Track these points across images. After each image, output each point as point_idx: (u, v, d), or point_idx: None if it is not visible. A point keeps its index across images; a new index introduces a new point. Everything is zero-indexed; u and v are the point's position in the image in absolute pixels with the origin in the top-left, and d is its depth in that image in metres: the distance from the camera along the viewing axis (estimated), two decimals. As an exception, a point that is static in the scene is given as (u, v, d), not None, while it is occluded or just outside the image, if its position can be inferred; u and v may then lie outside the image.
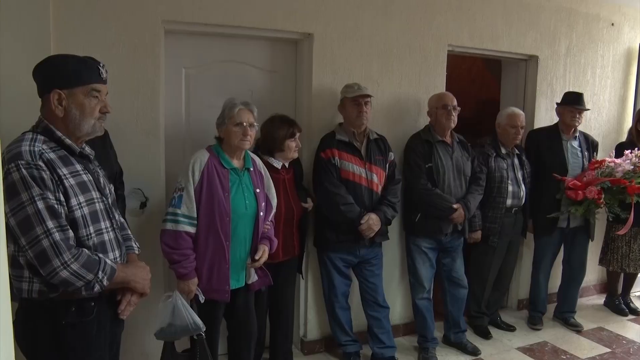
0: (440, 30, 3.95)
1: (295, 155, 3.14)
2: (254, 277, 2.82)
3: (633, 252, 4.50)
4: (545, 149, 4.19)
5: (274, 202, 2.88)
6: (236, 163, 2.72)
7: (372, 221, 3.27)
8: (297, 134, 3.12)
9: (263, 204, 2.76)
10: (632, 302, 4.88)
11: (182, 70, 3.29)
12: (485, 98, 5.52)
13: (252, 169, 2.77)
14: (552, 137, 4.21)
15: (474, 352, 3.87)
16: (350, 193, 3.28)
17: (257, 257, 2.72)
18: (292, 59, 3.64)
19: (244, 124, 2.66)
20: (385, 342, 3.58)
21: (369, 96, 3.33)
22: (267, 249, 2.77)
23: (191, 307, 2.53)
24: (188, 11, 3.09)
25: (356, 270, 3.55)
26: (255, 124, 2.73)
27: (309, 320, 3.78)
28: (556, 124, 4.27)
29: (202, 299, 2.63)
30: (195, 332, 2.48)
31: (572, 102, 4.13)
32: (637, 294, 5.14)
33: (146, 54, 2.99)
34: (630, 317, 4.73)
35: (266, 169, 2.90)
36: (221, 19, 3.19)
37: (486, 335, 4.15)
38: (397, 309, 4.06)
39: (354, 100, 3.30)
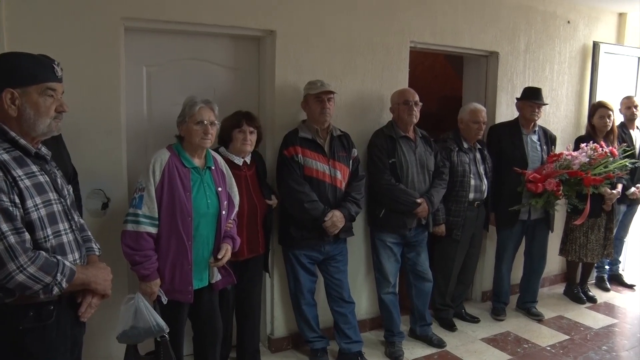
0: (402, 27, 3.98)
1: (245, 148, 3.08)
2: (217, 277, 2.81)
3: (590, 242, 4.63)
4: (506, 143, 4.27)
5: (237, 200, 2.87)
6: (197, 162, 2.70)
7: (336, 218, 3.29)
8: (248, 127, 3.06)
9: (225, 202, 2.75)
10: (590, 291, 5.04)
11: (143, 68, 3.24)
12: (448, 94, 5.60)
13: (213, 168, 2.75)
14: (513, 131, 4.30)
15: (440, 344, 3.93)
16: (314, 190, 3.28)
17: (219, 257, 2.70)
18: (255, 56, 3.62)
19: (205, 122, 2.64)
20: (351, 337, 3.60)
21: (332, 93, 3.34)
22: (229, 247, 2.76)
23: (154, 308, 2.51)
24: (148, 8, 3.04)
25: (321, 267, 3.56)
26: (216, 122, 2.71)
27: (276, 317, 3.78)
28: (516, 119, 4.36)
29: (164, 300, 2.60)
30: (158, 334, 2.45)
31: (531, 97, 4.22)
32: (594, 282, 5.30)
33: (105, 52, 2.93)
34: (588, 304, 4.88)
35: (228, 168, 2.89)
36: (182, 16, 3.15)
37: (451, 328, 4.22)
38: (363, 304, 4.10)
39: (317, 97, 3.31)
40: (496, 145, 4.29)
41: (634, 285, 5.34)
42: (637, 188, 4.74)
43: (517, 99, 4.34)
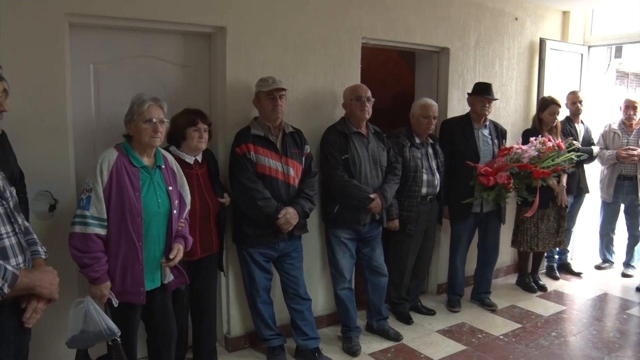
0: (354, 23, 3.99)
1: (201, 146, 3.06)
2: (169, 277, 2.76)
3: (541, 233, 4.77)
4: (458, 137, 4.34)
5: (188, 199, 2.83)
6: (147, 161, 2.65)
7: (289, 215, 3.28)
8: (202, 125, 3.04)
9: (176, 201, 2.71)
10: (540, 280, 5.19)
11: (91, 66, 3.16)
12: (401, 89, 5.65)
13: (163, 167, 2.71)
14: (464, 126, 4.37)
15: (396, 337, 3.98)
16: (267, 187, 3.27)
17: (171, 256, 2.66)
18: (206, 53, 3.58)
19: (154, 120, 2.59)
20: (308, 333, 3.61)
21: (284, 90, 3.33)
22: (181, 247, 2.72)
23: (105, 311, 2.45)
24: (94, 4, 2.96)
25: (277, 264, 3.55)
26: (165, 120, 2.66)
27: (232, 316, 3.75)
28: (468, 114, 4.44)
29: (115, 302, 2.55)
30: (109, 337, 2.40)
31: (482, 92, 4.30)
32: (544, 271, 5.47)
33: (49, 49, 2.84)
34: (539, 293, 5.04)
35: (179, 166, 2.84)
36: (130, 12, 3.09)
37: (408, 321, 4.27)
38: (320, 300, 4.11)
39: (268, 94, 3.29)
40: (448, 140, 4.36)
41: (581, 273, 5.54)
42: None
43: (468, 94, 4.42)
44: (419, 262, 4.35)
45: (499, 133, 4.49)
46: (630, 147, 5.13)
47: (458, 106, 4.69)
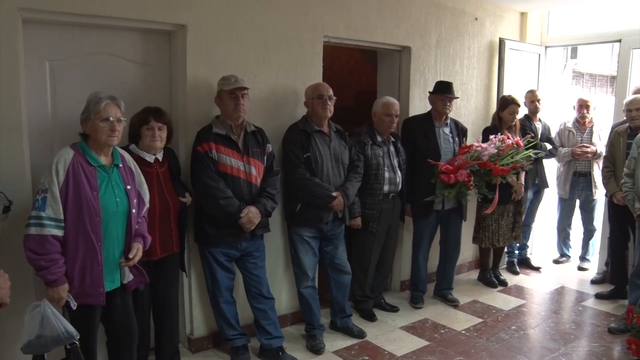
0: (316, 21, 4.00)
1: (155, 145, 3.00)
2: (129, 277, 2.72)
3: (501, 228, 4.87)
4: (420, 135, 4.39)
5: (147, 198, 2.80)
6: (104, 160, 2.60)
7: (251, 214, 3.27)
8: (156, 124, 2.99)
9: (135, 200, 2.67)
10: (501, 275, 5.31)
11: (46, 63, 3.07)
12: (364, 88, 5.69)
13: (121, 165, 2.66)
14: (426, 124, 4.42)
15: (360, 335, 4.00)
16: (228, 186, 3.25)
17: (131, 256, 2.63)
18: (166, 51, 3.53)
19: (111, 119, 2.54)
20: (272, 333, 3.60)
21: (245, 88, 3.31)
22: (140, 246, 2.69)
23: (62, 315, 2.40)
24: (48, -1, 2.89)
25: (239, 264, 3.53)
26: (122, 118, 2.62)
27: (195, 317, 3.72)
28: (429, 112, 4.49)
29: (74, 305, 2.49)
30: (68, 341, 2.35)
31: (443, 91, 4.36)
32: (505, 266, 5.59)
33: (1, 46, 2.75)
34: (500, 288, 5.15)
35: (137, 165, 2.80)
36: (87, 8, 3.01)
37: (371, 318, 4.30)
38: (284, 299, 4.11)
39: (230, 93, 3.27)
40: (410, 138, 4.40)
41: (540, 268, 5.68)
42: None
43: (429, 92, 4.47)
44: (382, 260, 4.38)
45: (460, 131, 4.56)
46: (584, 144, 5.28)
47: (420, 104, 4.75)
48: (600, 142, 5.25)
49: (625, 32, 5.32)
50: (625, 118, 4.62)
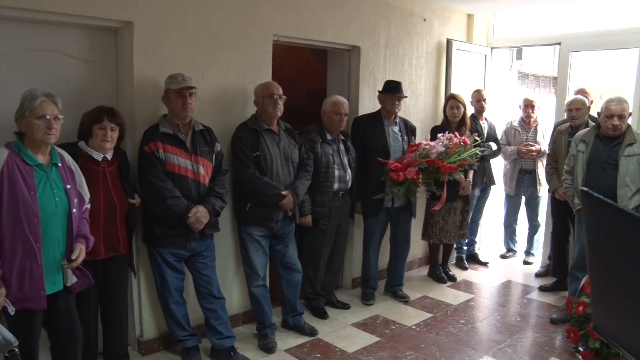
0: (265, 20, 3.99)
1: (105, 146, 2.93)
2: (72, 279, 2.65)
3: (449, 225, 4.98)
4: (369, 134, 4.44)
5: (87, 198, 2.73)
6: (41, 159, 2.53)
7: (200, 214, 3.24)
8: (109, 124, 2.92)
9: (75, 200, 2.60)
10: (450, 270, 5.42)
11: (-17, 59, 2.97)
12: (315, 87, 5.71)
13: (60, 165, 2.59)
14: (375, 123, 4.48)
15: (312, 332, 4.02)
16: (176, 186, 3.21)
17: (73, 257, 2.56)
18: (112, 48, 3.46)
19: (47, 116, 2.47)
20: (223, 332, 3.58)
21: (193, 87, 3.27)
22: (83, 247, 2.63)
23: (0, 321, 2.32)
24: (-16, -7, 2.79)
25: (188, 264, 3.49)
26: (60, 116, 2.55)
27: (145, 319, 3.65)
28: (378, 111, 4.55)
29: (12, 310, 2.40)
30: (5, 348, 2.25)
31: (392, 90, 4.42)
32: (454, 262, 5.72)
33: None
34: (449, 283, 5.26)
35: (77, 165, 2.73)
36: (28, 2, 2.91)
37: (323, 315, 4.33)
38: (235, 298, 4.08)
39: (178, 92, 3.22)
40: (360, 136, 4.45)
41: (488, 263, 5.84)
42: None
43: (378, 91, 4.53)
44: (332, 257, 4.41)
45: (409, 130, 4.63)
46: (530, 143, 5.45)
47: (369, 104, 4.80)
48: (544, 141, 5.43)
49: (564, 36, 5.52)
50: (566, 117, 4.79)
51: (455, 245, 5.53)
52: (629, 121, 3.97)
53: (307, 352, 3.79)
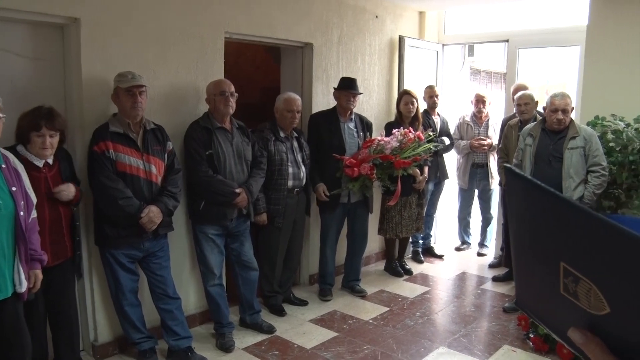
0: (216, 17, 3.96)
1: (46, 153, 2.84)
2: (23, 285, 2.56)
3: (404, 219, 5.04)
4: (325, 131, 4.46)
5: (34, 200, 2.65)
6: (-18, 161, 2.45)
7: (152, 214, 3.20)
8: (48, 131, 2.80)
9: (22, 202, 2.52)
10: (407, 264, 5.50)
11: None
12: (269, 84, 5.69)
13: (4, 166, 2.51)
14: (331, 119, 4.50)
15: (270, 330, 4.02)
16: (128, 186, 3.16)
17: (31, 286, 2.54)
18: (59, 45, 3.36)
19: None
20: (180, 333, 3.54)
21: (143, 86, 3.22)
22: (39, 274, 2.61)
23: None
24: None
25: (142, 265, 3.44)
26: (0, 115, 2.46)
27: (99, 322, 3.58)
28: (334, 108, 4.57)
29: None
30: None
31: (347, 87, 4.46)
32: (410, 256, 5.81)
33: None
34: (405, 277, 5.34)
35: (22, 166, 2.64)
36: (-35, -2, 2.83)
37: (281, 313, 4.33)
38: (191, 298, 4.05)
39: (127, 91, 3.17)
40: (316, 133, 4.47)
41: (443, 256, 5.95)
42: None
43: (334, 88, 4.55)
44: (289, 254, 4.42)
45: (365, 126, 4.67)
46: (481, 137, 5.58)
47: (323, 100, 4.82)
48: (495, 135, 5.56)
49: (512, 33, 5.68)
50: (515, 112, 4.92)
51: (411, 239, 5.61)
52: (572, 115, 4.10)
53: (266, 349, 3.79)
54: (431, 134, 4.86)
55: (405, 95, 4.96)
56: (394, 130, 4.63)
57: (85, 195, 3.22)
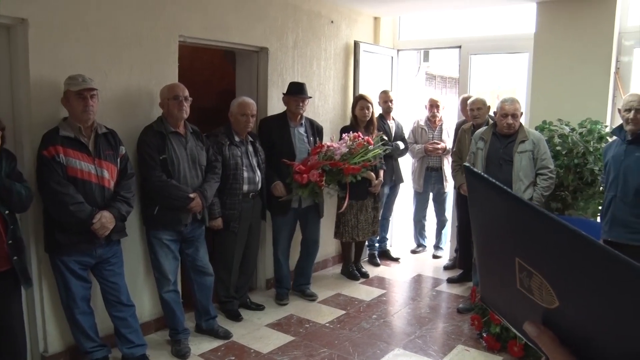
0: (170, 20, 3.92)
1: None
2: None
3: (361, 223, 5.09)
4: (275, 135, 4.46)
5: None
6: None
7: (105, 219, 3.14)
8: None
9: None
10: (363, 267, 5.55)
11: None
12: (226, 88, 5.66)
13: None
14: (281, 124, 4.50)
15: (226, 335, 4.00)
16: (79, 191, 3.09)
17: None
18: (5, 47, 3.26)
19: None
20: (134, 341, 3.49)
21: (94, 89, 3.17)
22: None
23: None
24: None
25: (95, 272, 3.37)
26: None
27: (49, 332, 3.48)
28: (284, 112, 4.57)
29: None
30: None
31: (296, 92, 4.47)
32: (367, 259, 5.86)
33: None
34: (362, 280, 5.38)
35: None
36: None
37: (237, 318, 4.31)
38: (146, 305, 3.98)
39: (78, 94, 3.10)
40: (267, 138, 4.46)
41: (399, 258, 6.03)
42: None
43: (283, 94, 4.56)
44: (245, 259, 4.40)
45: (315, 130, 4.68)
46: (436, 141, 5.69)
47: (278, 105, 4.82)
48: (449, 139, 5.68)
49: (464, 39, 5.82)
50: (468, 116, 5.04)
51: (367, 243, 5.66)
52: (522, 120, 4.23)
53: (222, 355, 3.77)
54: (385, 137, 4.92)
55: (360, 100, 5.01)
56: (344, 135, 4.64)
57: (35, 200, 3.12)
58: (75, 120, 3.17)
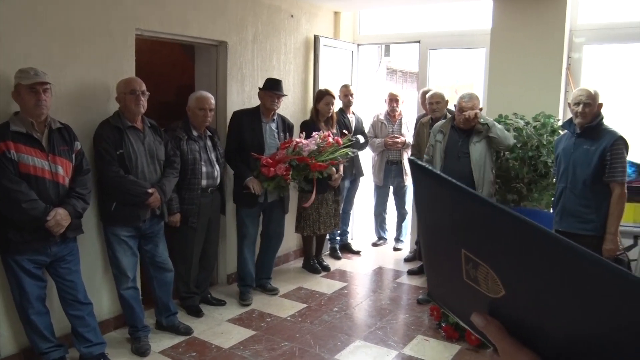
0: (127, 13, 3.85)
1: None
2: None
3: (322, 216, 5.12)
4: (246, 129, 4.44)
5: None
6: None
7: (59, 216, 3.08)
8: None
9: None
10: (324, 261, 5.59)
11: None
12: (185, 82, 5.60)
13: None
14: (253, 119, 4.49)
15: (187, 331, 3.98)
16: (32, 188, 3.02)
17: None
18: (-48, 39, 3.17)
19: None
20: (92, 340, 3.43)
21: (47, 83, 3.09)
22: None
23: None
24: None
25: (50, 270, 3.30)
26: None
27: (2, 334, 3.37)
28: (258, 107, 4.55)
29: None
30: None
31: (272, 88, 4.46)
32: (328, 252, 5.90)
33: None
34: (323, 273, 5.42)
35: None
36: None
37: (198, 314, 4.29)
38: (105, 303, 3.92)
39: (30, 88, 3.02)
40: (237, 131, 4.44)
41: (360, 251, 6.10)
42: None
43: (259, 88, 4.54)
44: (205, 254, 4.37)
45: (286, 127, 4.69)
46: (395, 135, 5.76)
47: (237, 99, 4.80)
48: (408, 133, 5.75)
49: (423, 34, 5.90)
50: (427, 110, 5.11)
51: (328, 236, 5.70)
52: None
53: (183, 351, 3.75)
54: (352, 139, 4.93)
55: (327, 96, 5.01)
56: (314, 134, 4.66)
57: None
58: (27, 115, 3.08)
